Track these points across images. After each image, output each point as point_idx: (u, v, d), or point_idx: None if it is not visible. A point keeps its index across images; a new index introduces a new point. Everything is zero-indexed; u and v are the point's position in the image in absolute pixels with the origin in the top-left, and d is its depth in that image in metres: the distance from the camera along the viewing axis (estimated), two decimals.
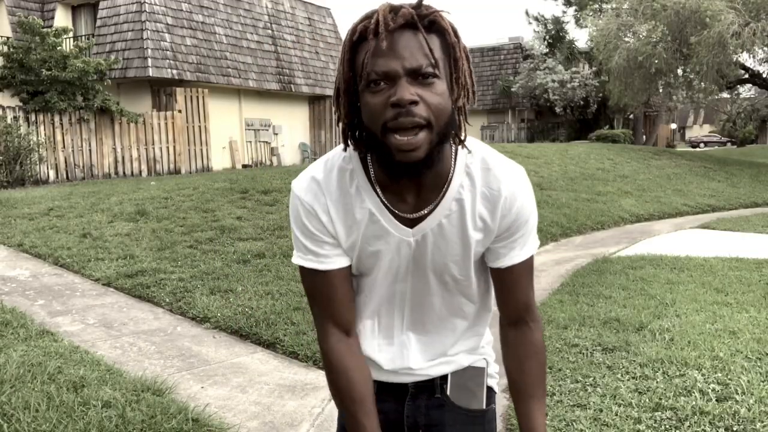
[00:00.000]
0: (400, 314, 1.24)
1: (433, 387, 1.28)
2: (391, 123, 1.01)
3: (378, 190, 1.14)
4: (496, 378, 1.38)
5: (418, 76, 1.00)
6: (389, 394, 1.28)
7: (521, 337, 1.25)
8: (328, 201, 1.15)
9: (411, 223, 1.15)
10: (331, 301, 1.19)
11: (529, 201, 1.18)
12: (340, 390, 1.19)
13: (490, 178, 1.15)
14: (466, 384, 1.28)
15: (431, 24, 1.03)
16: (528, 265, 1.21)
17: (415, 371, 1.26)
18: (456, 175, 1.13)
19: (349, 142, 1.12)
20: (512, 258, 1.19)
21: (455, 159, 1.14)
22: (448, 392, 1.28)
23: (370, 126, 1.04)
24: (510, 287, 1.23)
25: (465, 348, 1.30)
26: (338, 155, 1.16)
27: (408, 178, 1.10)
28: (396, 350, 1.26)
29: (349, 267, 1.19)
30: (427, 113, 1.01)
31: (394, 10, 1.01)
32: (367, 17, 1.03)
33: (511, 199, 1.15)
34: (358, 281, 1.23)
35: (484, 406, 1.30)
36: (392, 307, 1.24)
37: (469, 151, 1.14)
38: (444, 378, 1.28)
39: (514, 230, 1.17)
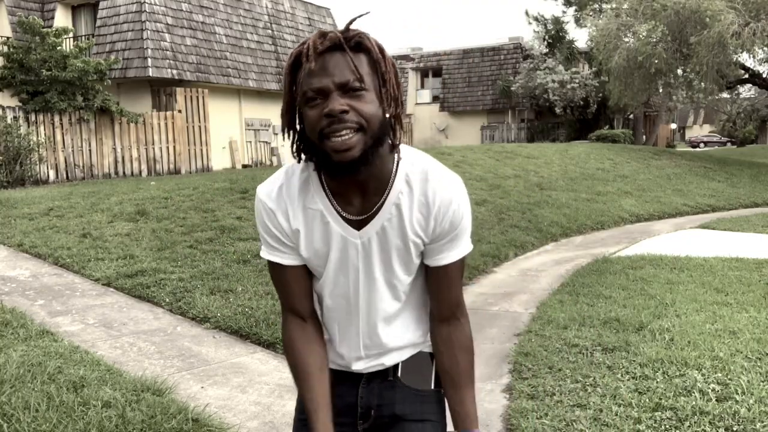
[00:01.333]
0: (355, 313, 1.37)
1: (386, 372, 1.40)
2: (326, 130, 1.16)
3: (328, 193, 1.29)
4: None
5: (348, 90, 1.16)
6: (345, 380, 1.42)
7: (453, 333, 1.37)
8: (288, 206, 1.30)
9: (358, 226, 1.29)
10: (290, 291, 1.36)
11: (462, 208, 1.29)
12: (292, 367, 1.38)
13: (427, 188, 1.27)
14: (416, 367, 1.41)
15: (357, 45, 1.18)
16: (460, 264, 1.34)
17: (369, 365, 1.40)
18: (396, 182, 1.27)
19: (298, 153, 1.28)
20: (447, 258, 1.32)
21: (396, 168, 1.27)
22: (399, 375, 1.41)
23: (311, 136, 1.20)
24: (444, 285, 1.35)
25: (414, 340, 1.42)
26: (298, 164, 1.32)
27: (347, 176, 1.22)
28: (353, 344, 1.39)
29: (303, 265, 1.35)
30: (358, 119, 1.16)
31: (323, 35, 1.18)
32: (302, 44, 1.19)
33: (444, 208, 1.27)
34: (316, 282, 1.38)
35: (433, 387, 1.42)
36: (348, 307, 1.37)
37: (412, 163, 1.28)
38: (395, 365, 1.41)
39: (448, 234, 1.30)
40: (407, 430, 1.39)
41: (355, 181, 1.24)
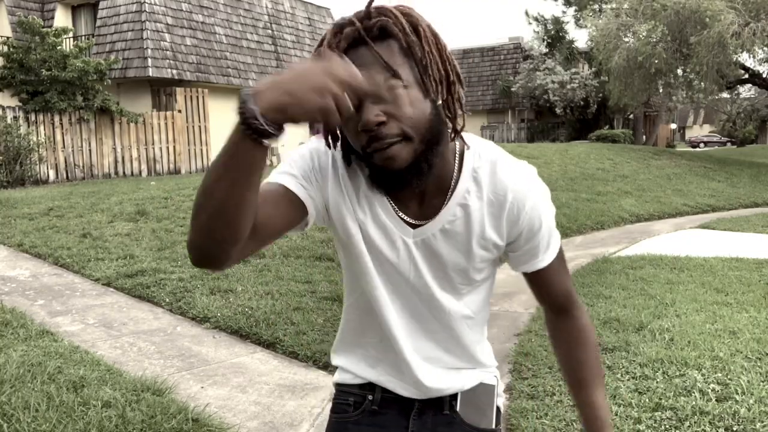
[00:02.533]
0: (404, 323, 1.16)
1: (441, 403, 1.20)
2: (367, 148, 0.98)
3: (386, 195, 1.09)
4: (502, 396, 1.33)
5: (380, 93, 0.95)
6: (393, 406, 1.21)
7: (568, 326, 1.21)
8: (340, 172, 1.09)
9: (413, 226, 1.10)
10: (265, 197, 1.01)
11: (541, 204, 1.11)
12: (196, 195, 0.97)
13: (497, 182, 1.08)
14: (476, 401, 1.22)
15: (383, 31, 0.96)
16: (556, 262, 1.18)
17: (423, 384, 1.19)
18: (462, 180, 1.08)
19: (348, 162, 1.09)
20: (537, 264, 1.16)
21: (461, 162, 1.08)
22: (458, 409, 1.21)
23: (357, 148, 1.01)
24: (543, 286, 1.20)
25: (471, 359, 1.23)
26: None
27: (399, 188, 1.04)
28: (402, 362, 1.18)
29: (295, 196, 1.05)
30: (400, 128, 0.96)
31: (339, 29, 0.97)
32: (320, 43, 0.99)
33: (519, 206, 1.09)
34: (359, 282, 1.17)
35: (494, 426, 1.23)
36: (395, 314, 1.16)
37: (479, 155, 1.09)
38: (453, 396, 1.21)
39: (530, 237, 1.12)
40: None
41: (414, 189, 1.06)
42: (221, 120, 17.75)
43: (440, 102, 1.00)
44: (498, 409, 1.26)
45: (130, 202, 8.86)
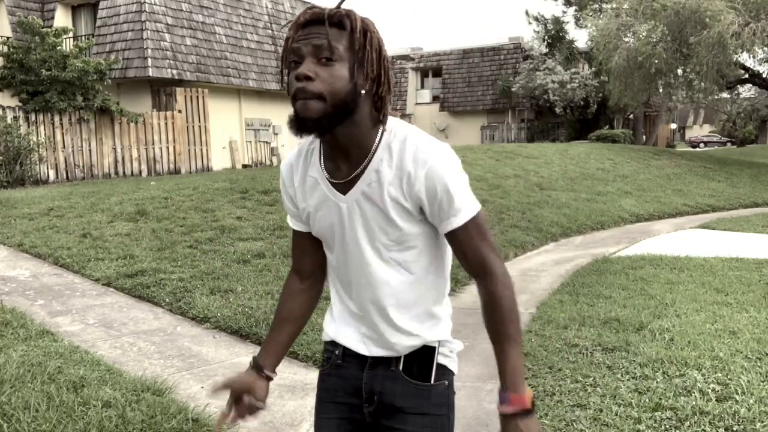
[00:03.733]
0: (351, 283, 1.43)
1: (388, 360, 1.43)
2: (296, 92, 1.25)
3: (322, 159, 1.39)
4: (450, 356, 1.48)
5: (320, 58, 1.24)
6: (352, 361, 1.47)
7: (482, 290, 1.37)
8: (296, 174, 1.44)
9: (344, 191, 1.36)
10: (297, 253, 1.54)
11: (440, 170, 1.29)
12: (277, 307, 1.58)
13: (404, 154, 1.31)
14: (417, 361, 1.43)
15: (339, 22, 1.25)
16: (470, 227, 1.33)
17: (368, 344, 1.44)
18: (378, 151, 1.32)
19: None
20: (446, 226, 1.33)
21: (380, 138, 1.33)
22: (400, 367, 1.43)
23: (290, 96, 1.28)
24: (460, 248, 1.36)
25: (417, 320, 1.42)
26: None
27: (308, 135, 1.29)
28: (358, 315, 1.44)
29: (306, 233, 1.49)
30: (321, 88, 1.23)
31: (311, 8, 1.28)
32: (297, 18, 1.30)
33: (416, 172, 1.29)
34: (326, 245, 1.47)
35: (432, 382, 1.43)
36: (345, 276, 1.43)
37: (394, 134, 1.33)
38: (398, 357, 1.43)
39: (432, 200, 1.31)
40: (408, 421, 1.42)
41: (337, 146, 1.32)
42: (221, 120, 17.75)
43: (364, 91, 1.27)
44: (441, 366, 1.44)
45: (130, 202, 8.86)
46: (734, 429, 2.83)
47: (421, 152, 1.30)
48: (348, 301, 1.46)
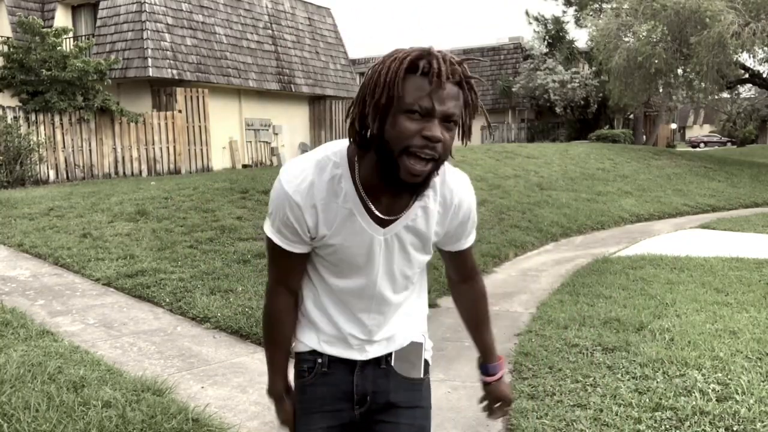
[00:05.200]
0: (369, 301, 1.45)
1: (379, 359, 1.49)
2: (415, 149, 1.21)
3: (362, 191, 1.32)
4: (430, 352, 1.60)
5: (447, 121, 1.22)
6: (339, 367, 1.48)
7: (472, 288, 1.60)
8: (318, 203, 1.33)
9: (383, 224, 1.36)
10: (290, 271, 1.44)
11: (472, 204, 1.47)
12: (269, 332, 1.50)
13: (445, 189, 1.40)
14: (407, 356, 1.52)
15: (469, 86, 1.25)
16: (472, 245, 1.55)
17: (367, 349, 1.49)
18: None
19: (353, 139, 1.29)
20: (462, 245, 1.52)
21: None
22: (392, 363, 1.50)
23: (392, 142, 1.22)
24: (461, 263, 1.57)
25: (409, 325, 1.53)
26: (329, 157, 1.33)
27: (401, 191, 1.30)
28: (362, 328, 1.47)
29: (308, 253, 1.42)
30: (442, 151, 1.23)
31: (453, 67, 1.22)
32: (423, 55, 1.21)
33: (458, 205, 1.43)
34: (339, 269, 1.43)
35: (422, 375, 1.54)
36: (363, 293, 1.44)
37: None
38: (388, 355, 1.50)
39: (462, 227, 1.47)
40: (400, 416, 1.48)
41: (396, 191, 1.31)
42: (221, 120, 17.75)
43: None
44: (426, 361, 1.56)
45: (131, 202, 8.86)
46: (734, 429, 2.83)
47: (457, 186, 1.42)
48: (353, 312, 1.46)
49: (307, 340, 1.49)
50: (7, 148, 12.21)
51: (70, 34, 15.38)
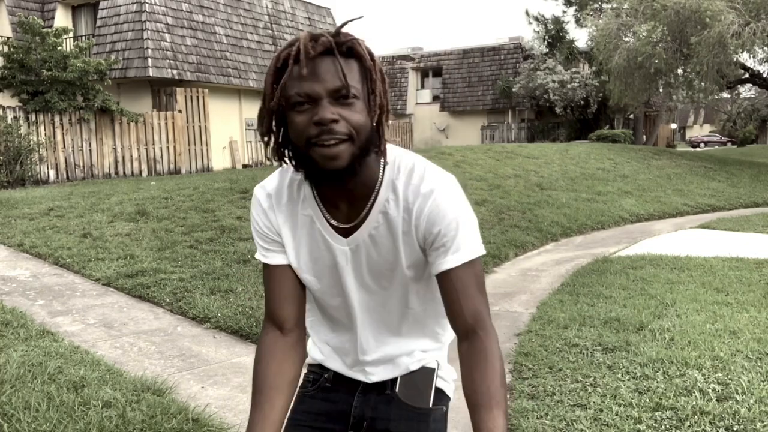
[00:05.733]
0: (351, 317, 1.33)
1: (383, 384, 1.35)
2: (315, 139, 1.11)
3: (317, 199, 1.25)
4: (448, 382, 1.41)
5: (338, 98, 1.10)
6: (342, 385, 1.39)
7: (472, 347, 1.19)
8: (278, 208, 1.28)
9: (346, 234, 1.25)
10: (272, 294, 1.30)
11: (443, 207, 1.19)
12: (253, 376, 1.28)
13: (409, 192, 1.21)
14: (415, 382, 1.34)
15: (349, 51, 1.13)
16: (468, 271, 1.20)
17: (367, 371, 1.36)
18: (382, 190, 1.22)
19: (280, 157, 1.21)
20: (444, 263, 1.20)
21: (383, 174, 1.22)
22: (396, 389, 1.35)
23: (296, 141, 1.14)
24: (452, 294, 1.20)
25: (414, 349, 1.36)
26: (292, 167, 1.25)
27: (333, 184, 1.20)
28: (350, 348, 1.36)
29: (290, 266, 1.30)
30: (348, 129, 1.11)
31: (314, 38, 1.11)
32: (290, 45, 1.13)
33: (421, 209, 1.20)
34: (310, 288, 1.33)
35: (430, 405, 1.34)
36: (347, 313, 1.33)
37: (398, 168, 1.23)
38: (393, 380, 1.35)
39: (439, 237, 1.20)
40: None
41: (342, 187, 1.21)
42: (221, 120, 17.76)
43: (375, 123, 1.16)
44: (439, 389, 1.36)
45: (131, 202, 8.86)
46: (734, 429, 2.83)
47: (426, 183, 1.20)
48: (342, 335, 1.37)
49: (313, 353, 1.43)
50: (7, 148, 12.22)
51: (70, 34, 15.38)
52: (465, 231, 1.20)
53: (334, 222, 1.25)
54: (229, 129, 18.38)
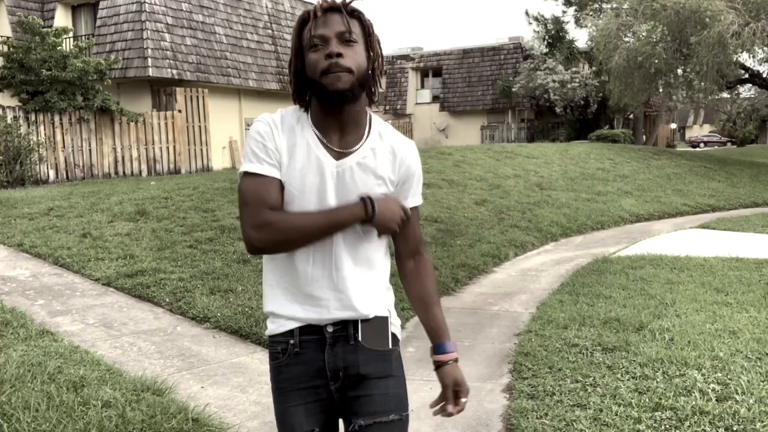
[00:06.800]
0: (329, 246, 1.55)
1: (347, 336, 1.56)
2: (325, 69, 1.47)
3: (314, 127, 1.55)
4: (397, 327, 1.67)
5: (343, 40, 1.48)
6: (310, 346, 1.56)
7: (420, 265, 1.68)
8: (281, 130, 1.55)
9: (337, 158, 1.54)
10: (270, 197, 1.51)
11: (417, 160, 1.63)
12: (287, 226, 1.50)
13: (394, 140, 1.60)
14: (373, 330, 1.59)
15: (352, 12, 1.52)
16: (417, 212, 1.66)
17: (338, 313, 1.55)
18: (372, 131, 1.58)
19: (297, 92, 1.56)
20: (409, 202, 1.61)
21: (370, 122, 1.59)
22: (360, 338, 1.56)
23: (311, 74, 1.50)
24: (407, 231, 1.64)
25: (371, 298, 1.59)
26: (288, 108, 1.60)
27: (337, 106, 1.51)
28: (325, 283, 1.56)
29: (277, 181, 1.53)
30: (350, 63, 1.48)
31: (326, 1, 1.51)
32: (309, 8, 1.52)
33: (404, 157, 1.60)
34: (292, 205, 1.53)
35: (390, 347, 1.61)
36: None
37: (379, 122, 1.62)
38: (356, 328, 1.57)
39: (406, 180, 1.60)
40: (373, 386, 1.57)
41: (338, 117, 1.53)
42: (221, 120, 17.75)
43: (370, 70, 1.54)
44: (392, 333, 1.63)
45: (130, 202, 8.86)
46: (734, 429, 2.83)
47: (404, 142, 1.62)
48: (308, 267, 1.55)
49: (281, 310, 1.57)
50: (7, 148, 12.21)
51: (70, 34, 15.38)
52: (421, 183, 1.67)
53: (329, 145, 1.54)
54: (229, 129, 18.37)
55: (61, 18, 17.65)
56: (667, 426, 2.89)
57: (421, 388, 3.48)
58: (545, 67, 26.74)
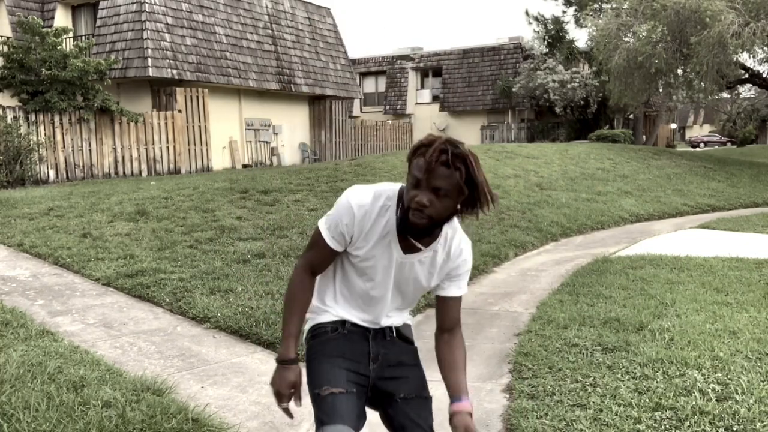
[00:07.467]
0: (383, 298, 1.98)
1: (384, 332, 2.03)
2: (412, 209, 1.74)
3: (398, 221, 1.85)
4: (413, 331, 2.15)
5: (435, 191, 1.71)
6: (357, 333, 2.00)
7: (453, 339, 2.00)
8: (367, 220, 1.85)
9: (405, 250, 1.89)
10: (320, 261, 1.95)
11: (469, 258, 1.96)
12: (291, 300, 1.94)
13: (454, 245, 1.92)
14: (403, 331, 2.08)
15: (458, 168, 1.69)
16: (460, 300, 2.01)
17: (381, 324, 2.04)
18: (441, 236, 1.89)
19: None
20: (452, 292, 1.98)
21: (441, 230, 1.88)
22: (395, 335, 2.05)
23: (406, 201, 1.77)
24: (449, 309, 2.00)
25: (404, 319, 2.11)
26: (388, 191, 1.87)
27: (413, 235, 1.83)
28: (377, 312, 2.01)
29: (335, 251, 1.91)
30: (432, 213, 1.74)
31: (444, 152, 1.68)
32: (425, 144, 1.73)
33: (458, 259, 1.94)
34: (364, 273, 1.94)
35: (414, 343, 2.12)
36: (378, 292, 1.97)
37: (452, 227, 1.91)
38: (391, 330, 2.05)
39: (455, 277, 1.96)
40: (408, 371, 2.02)
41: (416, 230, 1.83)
42: (221, 120, 17.75)
43: (458, 210, 1.77)
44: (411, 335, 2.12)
45: (130, 202, 8.86)
46: (734, 429, 2.83)
47: (461, 246, 1.93)
48: (370, 303, 1.98)
49: (335, 311, 1.99)
50: (7, 148, 12.22)
51: (70, 34, 15.38)
52: (468, 277, 2.00)
53: (401, 244, 1.88)
54: (229, 129, 18.37)
55: (61, 18, 17.65)
56: (667, 426, 2.89)
57: (439, 387, 3.48)
58: (545, 67, 26.73)
